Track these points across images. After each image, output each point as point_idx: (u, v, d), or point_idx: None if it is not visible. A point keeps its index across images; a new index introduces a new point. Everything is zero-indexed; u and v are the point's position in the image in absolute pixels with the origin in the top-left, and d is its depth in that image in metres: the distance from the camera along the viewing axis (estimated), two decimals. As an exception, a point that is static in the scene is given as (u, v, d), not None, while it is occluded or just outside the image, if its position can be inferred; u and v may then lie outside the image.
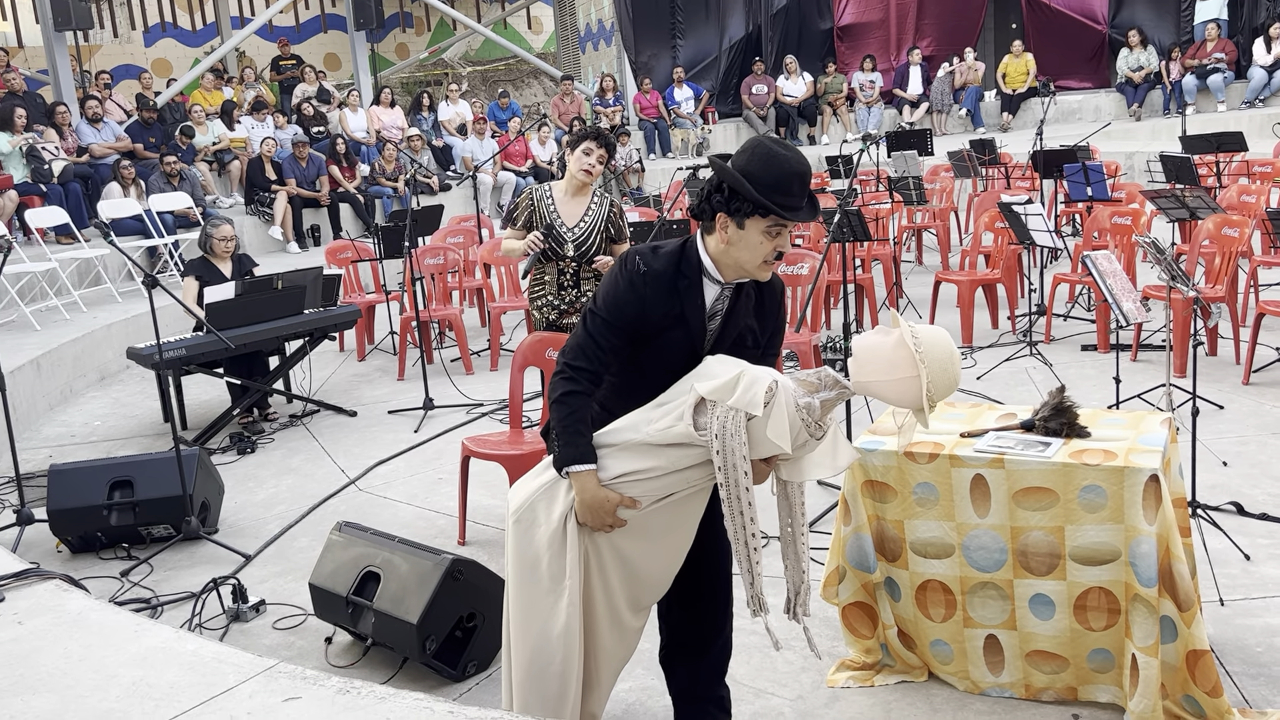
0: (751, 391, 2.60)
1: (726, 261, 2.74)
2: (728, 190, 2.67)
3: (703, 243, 2.77)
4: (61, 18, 12.49)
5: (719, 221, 2.70)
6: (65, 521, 4.84)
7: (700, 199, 2.74)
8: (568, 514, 2.75)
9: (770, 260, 2.71)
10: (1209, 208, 6.67)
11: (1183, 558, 2.94)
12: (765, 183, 2.64)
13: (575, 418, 2.74)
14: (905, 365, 2.60)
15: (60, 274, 9.23)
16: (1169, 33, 15.42)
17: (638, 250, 2.78)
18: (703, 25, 17.50)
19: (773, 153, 2.67)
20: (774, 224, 2.66)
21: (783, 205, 2.64)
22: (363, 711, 2.72)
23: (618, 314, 2.73)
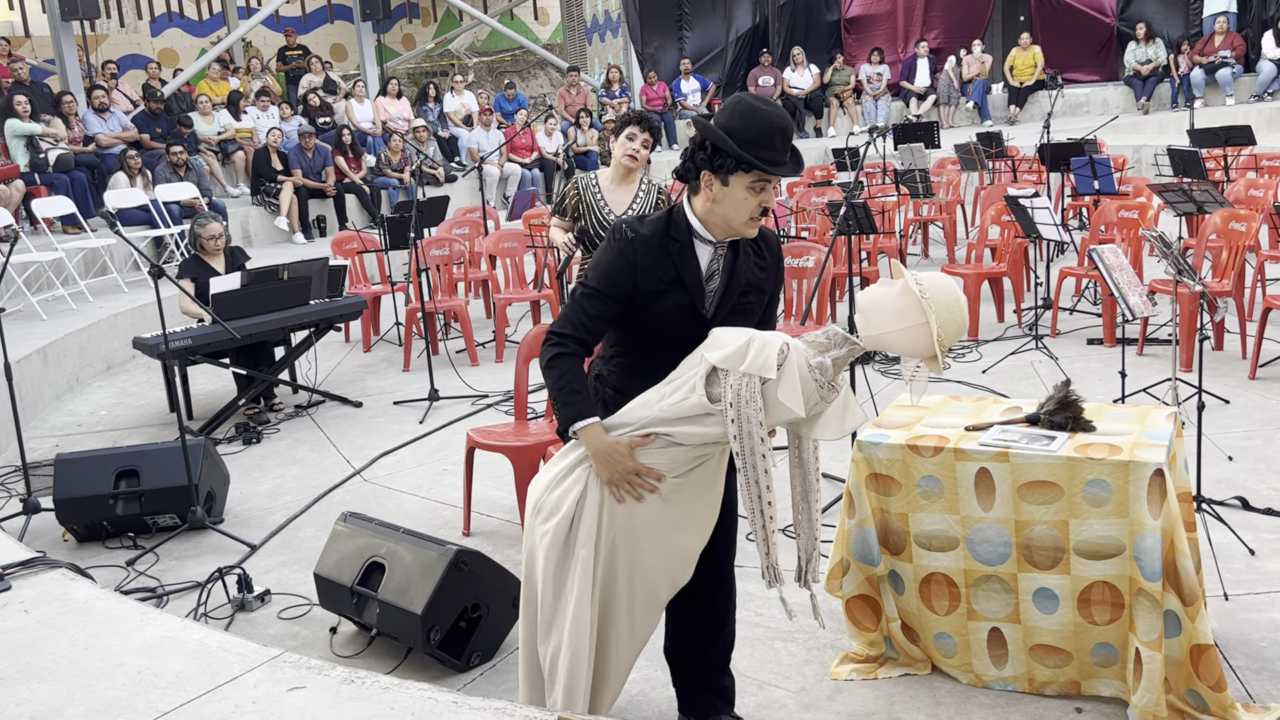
0: (764, 355, 2.58)
1: (714, 220, 2.74)
2: (710, 148, 2.69)
3: (689, 205, 2.79)
4: (68, 7, 12.49)
5: (703, 180, 2.72)
6: (71, 510, 4.85)
7: (684, 159, 2.75)
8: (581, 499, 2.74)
9: (756, 216, 2.72)
10: (1216, 202, 6.65)
11: (1187, 552, 2.94)
12: (747, 138, 2.65)
13: (567, 378, 2.74)
14: (913, 313, 2.59)
15: (66, 264, 9.25)
16: (1177, 26, 15.36)
17: (625, 220, 2.80)
18: (709, 17, 17.46)
19: (754, 108, 2.68)
20: (758, 179, 2.67)
21: (766, 160, 2.65)
22: (367, 701, 2.72)
23: (609, 283, 2.74)
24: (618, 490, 2.71)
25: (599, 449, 2.70)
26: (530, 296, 8.20)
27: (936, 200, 10.13)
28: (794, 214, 9.19)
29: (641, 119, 4.71)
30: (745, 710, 3.22)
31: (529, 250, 8.63)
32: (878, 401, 5.66)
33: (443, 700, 2.72)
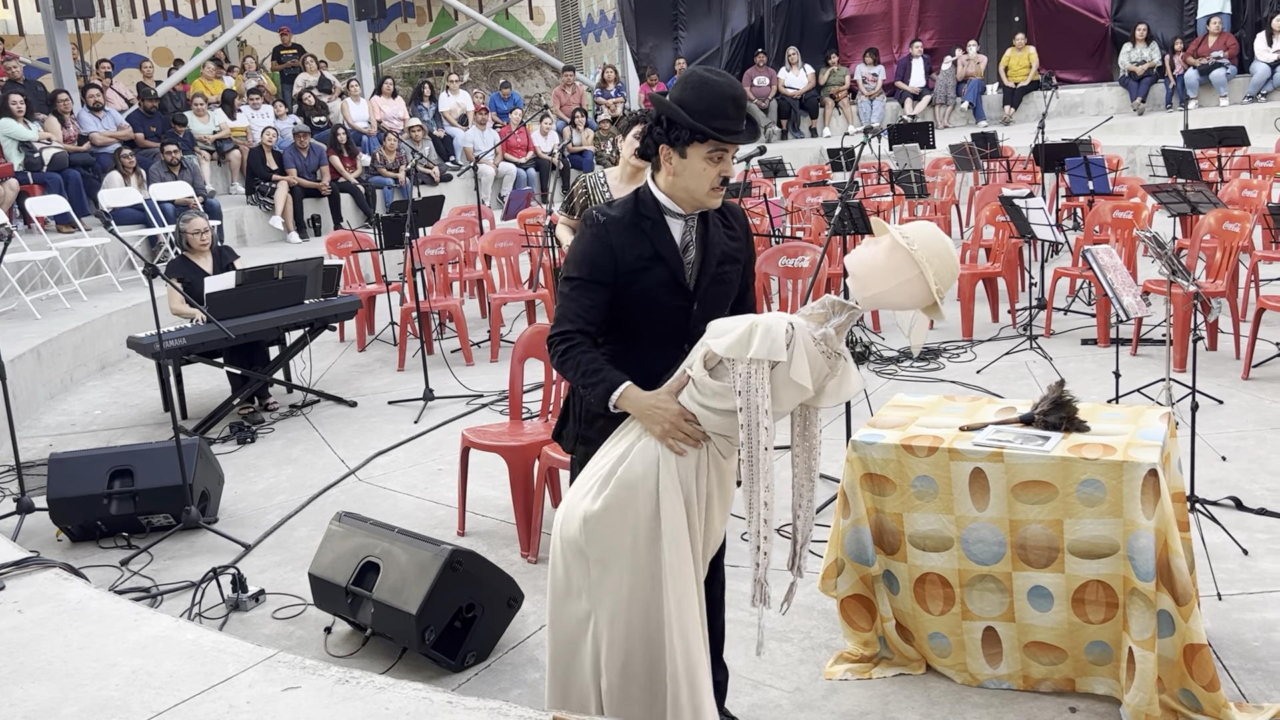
0: (771, 338, 2.55)
1: (679, 194, 2.78)
2: (666, 122, 2.73)
3: (654, 182, 2.82)
4: (63, 6, 12.46)
5: (662, 154, 2.76)
6: (65, 510, 4.84)
7: (643, 136, 2.79)
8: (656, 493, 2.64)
9: (718, 186, 2.75)
10: (1210, 202, 6.67)
11: (1181, 552, 2.94)
12: (700, 109, 2.69)
13: (584, 363, 2.72)
14: (905, 267, 2.60)
15: (61, 263, 9.23)
16: (1172, 27, 15.39)
17: (594, 208, 2.84)
18: (704, 17, 17.46)
19: (704, 79, 2.72)
20: (714, 149, 2.70)
21: (719, 129, 2.68)
22: (362, 701, 2.72)
23: (591, 269, 2.75)
24: (675, 443, 2.64)
25: (643, 407, 2.66)
26: (525, 296, 8.20)
27: (931, 200, 10.14)
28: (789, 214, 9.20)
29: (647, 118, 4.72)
30: (740, 710, 3.22)
31: (524, 250, 8.63)
32: (873, 401, 5.66)
33: (437, 700, 2.72)
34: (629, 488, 2.64)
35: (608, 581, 2.67)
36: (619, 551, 2.65)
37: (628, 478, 2.65)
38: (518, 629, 3.80)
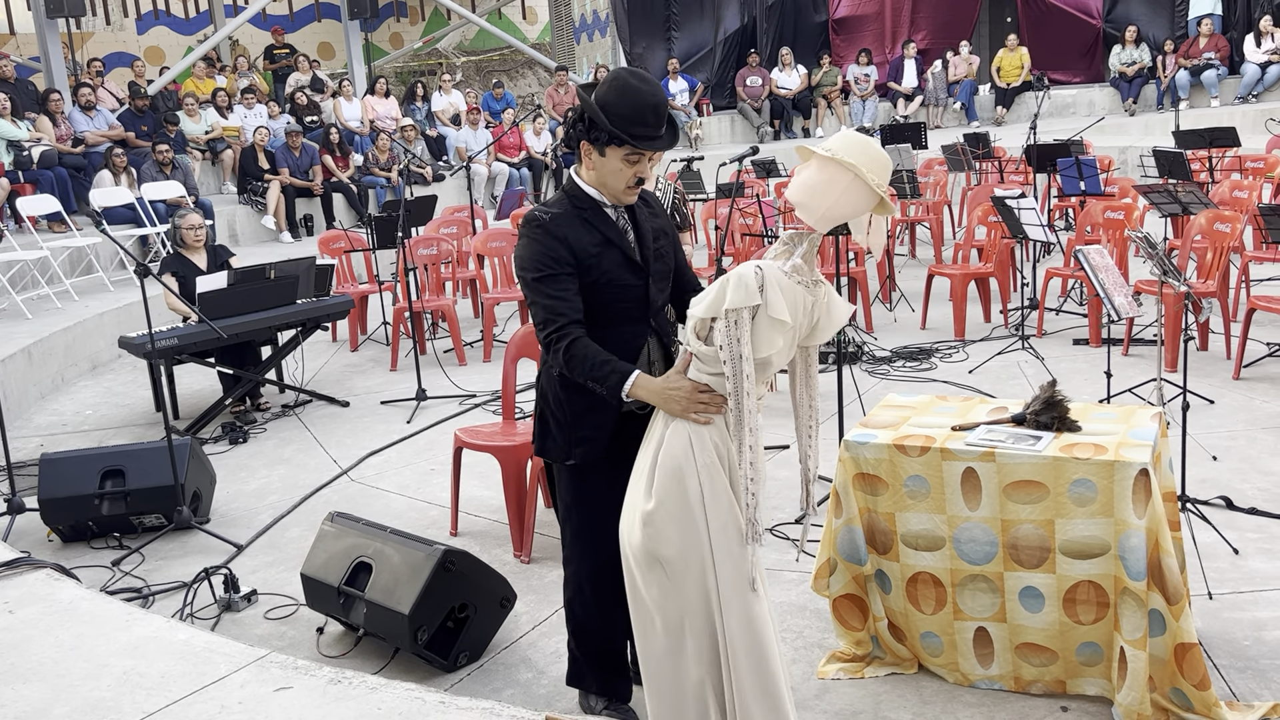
0: (743, 285, 2.59)
1: (600, 187, 2.88)
2: (588, 120, 2.80)
3: (578, 175, 2.91)
4: (54, 5, 12.43)
5: (583, 149, 2.85)
6: (56, 510, 4.83)
7: (568, 130, 2.87)
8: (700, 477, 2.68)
9: (633, 185, 2.85)
10: (1201, 203, 6.69)
11: (1172, 551, 2.95)
12: (620, 113, 2.76)
13: (592, 355, 2.77)
14: (839, 174, 2.63)
15: (52, 262, 9.20)
16: (1163, 28, 15.43)
17: (526, 215, 2.89)
18: (697, 17, 17.47)
19: (628, 84, 2.78)
20: (631, 152, 2.79)
21: (637, 135, 2.76)
22: (354, 701, 2.72)
23: (551, 261, 2.80)
24: (697, 415, 2.68)
25: (656, 391, 2.71)
26: (518, 296, 8.19)
27: (924, 201, 10.16)
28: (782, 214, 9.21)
29: None
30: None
31: (517, 250, 8.61)
32: (865, 401, 5.67)
33: (430, 700, 2.72)
34: (674, 475, 2.68)
35: (688, 581, 2.70)
36: (690, 543, 2.68)
37: (670, 465, 2.69)
38: (510, 629, 3.80)
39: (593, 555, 3.03)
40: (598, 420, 2.91)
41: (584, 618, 3.10)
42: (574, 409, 2.93)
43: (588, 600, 3.07)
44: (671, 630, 2.73)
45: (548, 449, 3.01)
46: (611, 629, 3.10)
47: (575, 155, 2.90)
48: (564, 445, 2.96)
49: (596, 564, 3.03)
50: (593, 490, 2.98)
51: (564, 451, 2.97)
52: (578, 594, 3.09)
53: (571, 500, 3.04)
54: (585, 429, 2.93)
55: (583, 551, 3.05)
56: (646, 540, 2.70)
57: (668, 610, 2.73)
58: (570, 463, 2.97)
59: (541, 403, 3.02)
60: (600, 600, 3.05)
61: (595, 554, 3.02)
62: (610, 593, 3.01)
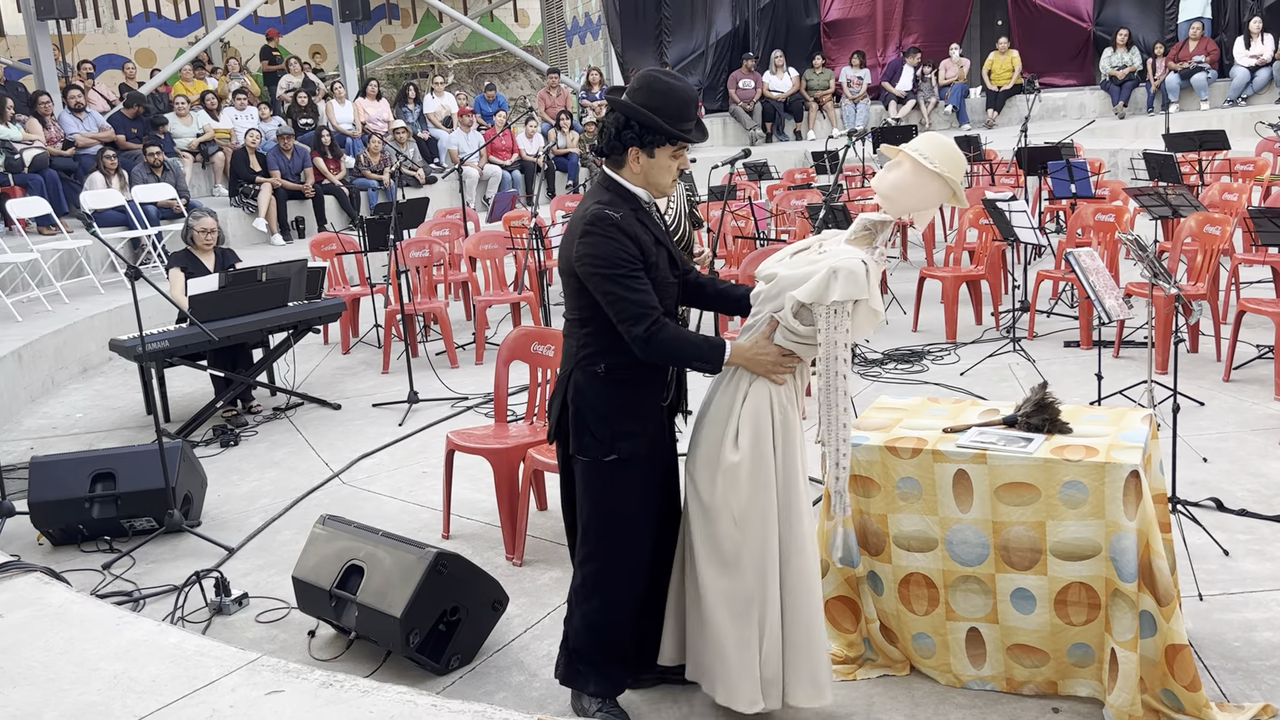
0: (853, 280, 2.86)
1: (644, 186, 3.02)
2: (639, 126, 2.93)
3: (619, 176, 3.01)
4: (44, 6, 12.38)
5: (630, 154, 2.97)
6: (46, 514, 4.81)
7: (610, 138, 2.97)
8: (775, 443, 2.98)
9: (676, 176, 3.05)
10: (1191, 205, 6.71)
11: (1162, 553, 2.96)
12: (671, 114, 2.93)
13: (688, 337, 2.97)
14: (930, 180, 2.96)
15: (42, 265, 9.17)
16: (1153, 31, 15.49)
17: (591, 213, 2.95)
18: (689, 20, 17.48)
19: (669, 85, 2.96)
20: (679, 148, 2.99)
21: (688, 131, 2.97)
22: (346, 705, 2.72)
23: (630, 259, 2.91)
24: (777, 375, 2.98)
25: (749, 355, 2.98)
26: (510, 298, 8.19)
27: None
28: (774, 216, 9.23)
29: None
30: (724, 711, 3.23)
31: (509, 252, 8.62)
32: (857, 404, 5.68)
33: (422, 703, 2.71)
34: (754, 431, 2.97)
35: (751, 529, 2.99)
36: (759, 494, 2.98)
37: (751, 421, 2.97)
38: (503, 632, 3.80)
39: (630, 550, 3.06)
40: (642, 413, 3.04)
41: (602, 614, 3.10)
42: (616, 404, 3.00)
43: (616, 597, 3.09)
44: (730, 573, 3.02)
45: (586, 446, 3.02)
46: (629, 625, 3.13)
47: (615, 159, 2.99)
48: (606, 441, 2.99)
49: (634, 559, 3.07)
50: (633, 484, 3.03)
51: (606, 447, 3.00)
52: (601, 590, 3.08)
53: (604, 496, 3.04)
54: (629, 423, 3.01)
55: (614, 548, 3.06)
56: (722, 487, 2.99)
57: (725, 553, 3.01)
58: (611, 458, 3.00)
59: (578, 401, 3.02)
60: (633, 594, 3.09)
61: (633, 549, 3.06)
62: (642, 587, 3.10)
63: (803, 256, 3.09)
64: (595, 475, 3.05)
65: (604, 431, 3.00)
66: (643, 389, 3.03)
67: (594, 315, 2.99)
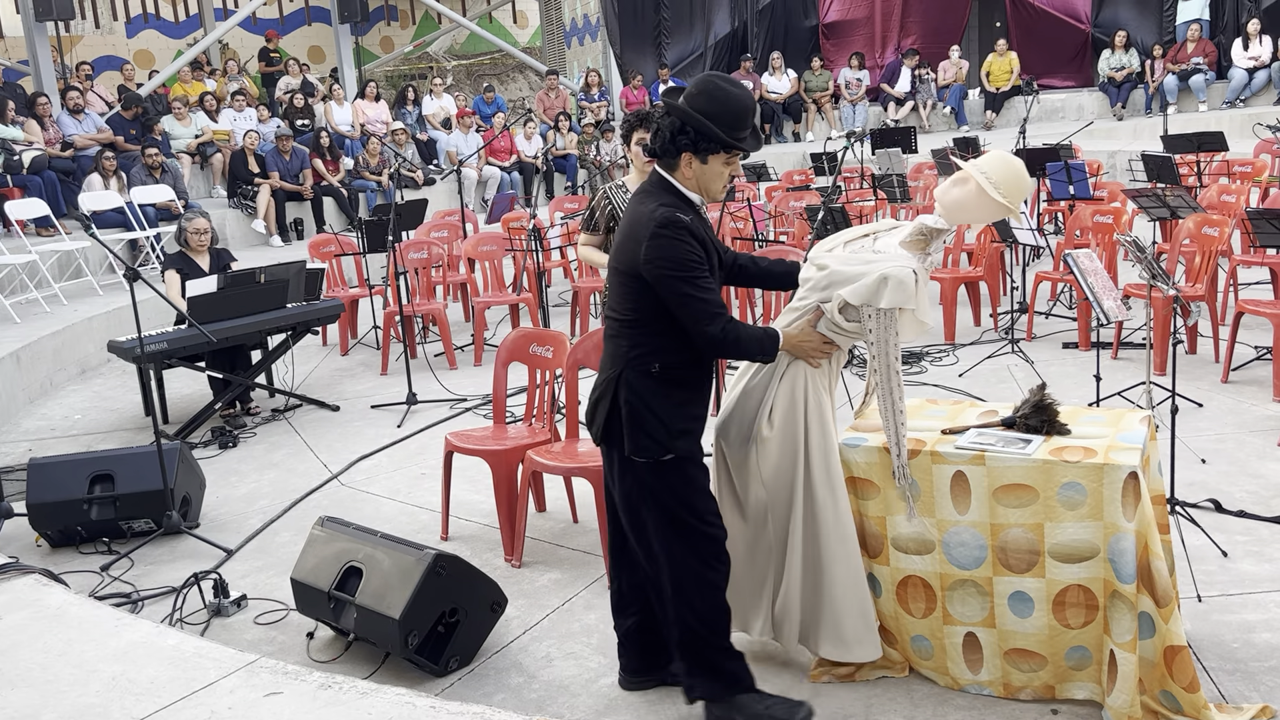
0: (903, 290, 3.00)
1: (696, 190, 3.04)
2: (694, 133, 2.93)
3: (673, 179, 3.02)
4: (42, 8, 12.37)
5: (684, 159, 2.98)
6: (45, 515, 4.81)
7: (665, 141, 2.97)
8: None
9: (728, 183, 3.08)
10: (1189, 207, 6.72)
11: (1161, 554, 2.96)
12: (727, 122, 2.94)
13: (751, 333, 3.03)
14: (992, 204, 3.07)
15: (40, 266, 9.17)
16: (1151, 33, 15.50)
17: (660, 216, 2.94)
18: (688, 21, 17.49)
19: (727, 92, 2.95)
20: (733, 155, 3.00)
21: (743, 139, 2.96)
22: (344, 707, 2.71)
23: (699, 262, 2.94)
24: (815, 360, 3.17)
25: (797, 341, 3.14)
26: (509, 300, 8.19)
27: (914, 205, 10.17)
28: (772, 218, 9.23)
29: (646, 118, 4.52)
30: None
31: (508, 253, 8.62)
32: (856, 405, 5.68)
33: (420, 705, 2.71)
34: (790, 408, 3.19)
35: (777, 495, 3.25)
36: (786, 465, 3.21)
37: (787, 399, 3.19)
38: (501, 634, 3.80)
39: (702, 542, 3.07)
40: (696, 410, 3.08)
41: (713, 608, 3.10)
42: (672, 402, 3.01)
43: (714, 587, 3.10)
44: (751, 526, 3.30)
45: (643, 448, 3.01)
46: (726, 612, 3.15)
47: (668, 162, 3.00)
48: (664, 440, 2.99)
49: (713, 549, 3.08)
50: (694, 479, 3.05)
51: (664, 447, 3.00)
52: (703, 589, 3.07)
53: (666, 495, 3.03)
54: (685, 420, 3.03)
55: (688, 544, 3.05)
56: (755, 456, 3.23)
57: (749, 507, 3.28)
58: (669, 457, 3.01)
59: (633, 401, 3.01)
60: (720, 582, 3.11)
61: (706, 541, 3.07)
62: (725, 573, 3.13)
63: (856, 249, 3.18)
64: (654, 476, 3.03)
65: (661, 431, 2.99)
66: (695, 386, 3.09)
67: (653, 316, 3.00)
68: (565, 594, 4.10)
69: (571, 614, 3.94)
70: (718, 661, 3.12)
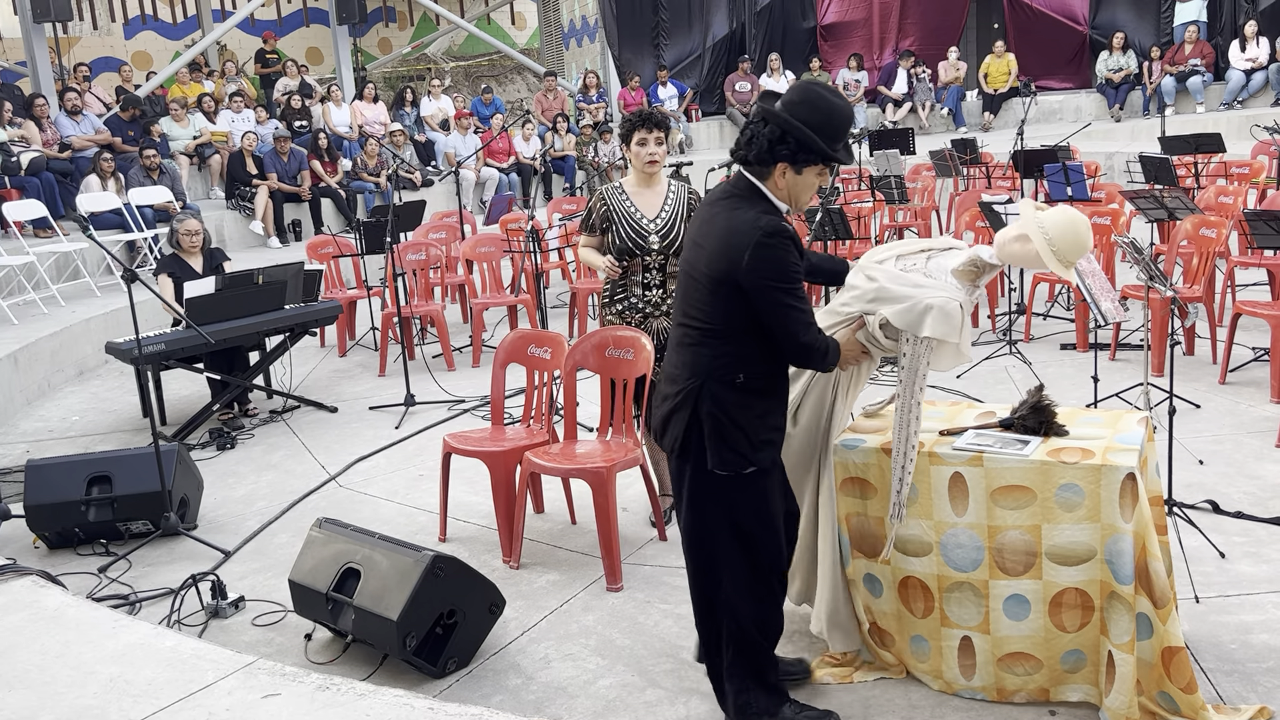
0: (947, 323, 3.01)
1: (784, 200, 2.98)
2: (795, 143, 2.86)
3: (764, 187, 2.96)
4: (40, 9, 12.37)
5: (778, 169, 2.90)
6: (43, 517, 4.81)
7: (762, 150, 2.89)
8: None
9: (815, 193, 3.03)
10: (1187, 208, 6.72)
11: (1159, 555, 2.97)
12: (829, 134, 2.87)
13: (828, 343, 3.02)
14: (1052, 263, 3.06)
15: (38, 268, 9.16)
16: (1149, 35, 15.51)
17: (767, 225, 2.87)
18: (686, 22, 17.49)
19: (831, 104, 2.89)
20: (826, 166, 2.94)
21: (842, 152, 2.90)
22: (342, 708, 2.71)
23: (798, 274, 2.91)
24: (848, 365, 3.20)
25: (842, 349, 3.10)
26: (507, 301, 8.19)
27: (912, 206, 10.18)
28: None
29: (646, 119, 4.45)
30: (721, 714, 3.23)
31: (506, 255, 8.62)
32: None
33: (419, 707, 2.71)
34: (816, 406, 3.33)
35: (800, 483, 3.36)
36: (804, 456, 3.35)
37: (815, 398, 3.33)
38: (499, 635, 3.80)
39: (767, 558, 3.07)
40: (776, 421, 3.05)
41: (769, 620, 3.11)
42: (754, 413, 2.97)
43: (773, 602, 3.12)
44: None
45: (726, 461, 2.95)
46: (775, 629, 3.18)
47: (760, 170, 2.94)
48: (747, 453, 2.95)
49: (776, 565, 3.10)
50: (769, 493, 3.04)
51: (746, 460, 2.96)
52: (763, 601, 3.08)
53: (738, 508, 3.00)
54: (767, 431, 3.01)
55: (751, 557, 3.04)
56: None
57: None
58: (751, 470, 2.97)
59: (717, 413, 2.94)
60: (773, 598, 3.12)
61: (770, 557, 3.07)
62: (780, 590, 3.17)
63: (909, 266, 3.18)
64: (732, 488, 2.99)
65: (745, 444, 2.94)
66: (776, 396, 3.04)
67: (742, 327, 2.91)
68: (563, 595, 4.10)
69: (570, 615, 3.94)
70: (768, 676, 3.12)
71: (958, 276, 3.11)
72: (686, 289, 3.04)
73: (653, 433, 3.22)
